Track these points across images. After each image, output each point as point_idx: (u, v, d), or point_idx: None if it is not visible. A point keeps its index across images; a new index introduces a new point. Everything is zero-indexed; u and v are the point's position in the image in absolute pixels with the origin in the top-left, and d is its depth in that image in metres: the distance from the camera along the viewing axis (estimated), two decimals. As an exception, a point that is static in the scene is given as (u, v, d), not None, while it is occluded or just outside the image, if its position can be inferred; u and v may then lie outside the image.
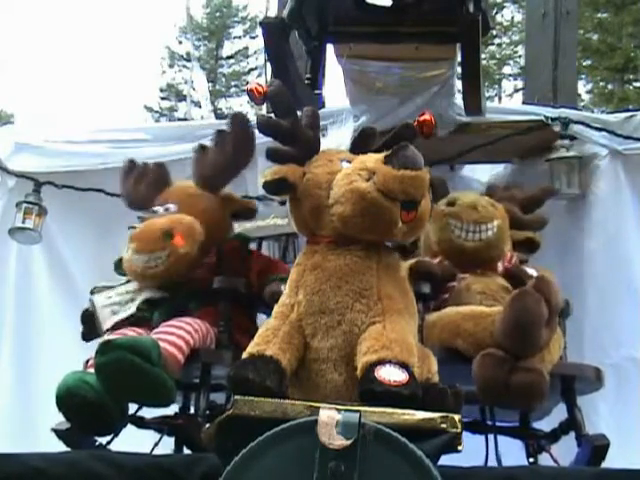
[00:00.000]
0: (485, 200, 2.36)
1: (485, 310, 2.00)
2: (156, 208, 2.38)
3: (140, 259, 2.21)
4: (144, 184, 2.50)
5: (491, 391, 1.86)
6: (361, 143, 1.89)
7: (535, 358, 1.84)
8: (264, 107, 2.61)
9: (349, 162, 1.74)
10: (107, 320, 2.25)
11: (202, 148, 2.48)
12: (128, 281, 2.34)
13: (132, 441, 2.08)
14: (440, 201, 2.30)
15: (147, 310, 2.25)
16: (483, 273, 2.25)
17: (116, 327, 2.22)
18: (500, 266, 2.28)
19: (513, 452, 2.27)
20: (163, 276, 2.22)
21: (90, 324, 2.31)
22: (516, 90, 17.60)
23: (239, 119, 2.36)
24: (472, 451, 1.93)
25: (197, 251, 2.25)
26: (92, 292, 2.36)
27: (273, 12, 2.97)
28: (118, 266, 2.34)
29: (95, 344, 2.17)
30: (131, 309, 2.26)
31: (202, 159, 2.45)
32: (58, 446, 2.01)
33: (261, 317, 2.40)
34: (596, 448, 2.03)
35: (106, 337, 2.16)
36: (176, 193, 2.45)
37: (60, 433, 2.03)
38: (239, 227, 2.94)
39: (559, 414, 2.21)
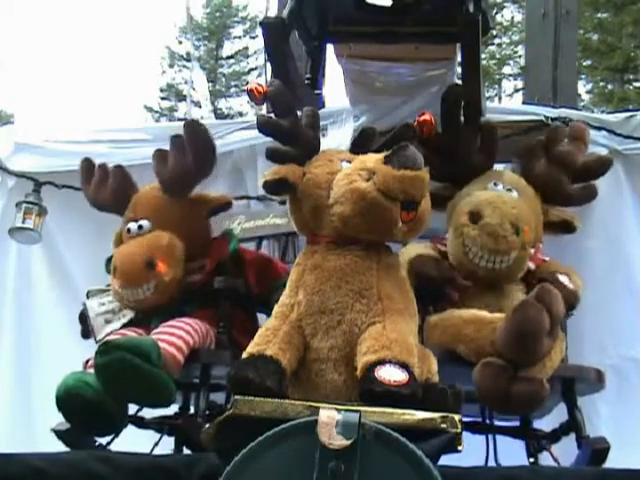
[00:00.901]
0: (510, 223, 2.08)
1: (487, 316, 1.98)
2: (129, 226, 2.32)
3: (128, 293, 2.20)
4: (108, 188, 2.42)
5: (492, 400, 1.86)
6: (361, 143, 1.89)
7: (536, 367, 1.83)
8: (264, 107, 2.60)
9: (349, 162, 1.74)
10: (101, 330, 2.24)
11: (160, 153, 2.38)
12: None
13: (132, 441, 2.08)
14: (465, 205, 2.16)
15: (143, 319, 2.24)
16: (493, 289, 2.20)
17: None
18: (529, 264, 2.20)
19: (513, 452, 2.26)
20: (156, 302, 2.21)
21: (87, 324, 2.31)
22: (516, 90, 17.62)
23: (193, 126, 2.31)
24: (472, 451, 1.92)
25: (182, 272, 2.23)
26: (87, 295, 2.35)
27: (273, 12, 2.98)
28: (109, 265, 2.32)
29: (95, 344, 2.18)
30: (126, 317, 2.26)
31: (163, 165, 2.36)
32: (58, 446, 2.01)
33: (261, 317, 2.40)
34: (596, 451, 2.02)
35: (106, 338, 2.17)
36: (146, 205, 2.35)
37: (60, 433, 2.03)
38: (239, 227, 2.95)
39: (560, 413, 2.21)
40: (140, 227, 2.30)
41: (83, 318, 2.32)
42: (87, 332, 2.31)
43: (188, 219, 2.34)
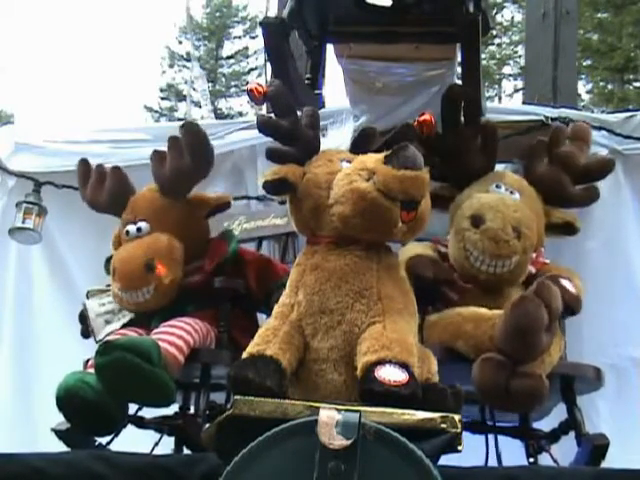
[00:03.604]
0: (512, 227, 2.08)
1: (487, 313, 1.99)
2: (128, 228, 2.31)
3: (128, 296, 2.20)
4: (105, 190, 2.41)
5: (491, 396, 1.86)
6: (361, 143, 1.89)
7: (535, 362, 1.84)
8: (264, 107, 2.61)
9: (349, 162, 1.74)
10: (101, 330, 2.25)
11: (158, 154, 2.37)
12: None
13: (132, 441, 2.08)
14: (467, 209, 2.14)
15: (143, 319, 2.24)
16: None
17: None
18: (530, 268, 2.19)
19: (513, 452, 2.27)
20: (156, 304, 2.21)
21: (87, 324, 2.31)
22: (516, 90, 17.63)
23: (190, 127, 2.31)
24: (472, 451, 1.93)
25: (181, 273, 2.23)
26: (87, 295, 2.35)
27: (273, 12, 2.97)
28: (108, 265, 2.32)
29: (95, 344, 2.19)
30: (126, 317, 2.26)
31: (161, 166, 2.35)
32: (58, 446, 2.01)
33: (261, 317, 2.40)
34: (596, 447, 2.02)
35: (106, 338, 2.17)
36: (144, 207, 2.34)
37: (60, 433, 2.03)
38: (239, 227, 2.95)
39: (559, 414, 2.21)
40: (139, 229, 2.30)
41: (83, 318, 2.33)
42: (87, 332, 2.31)
43: (187, 220, 2.33)
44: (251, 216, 3.01)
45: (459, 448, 1.43)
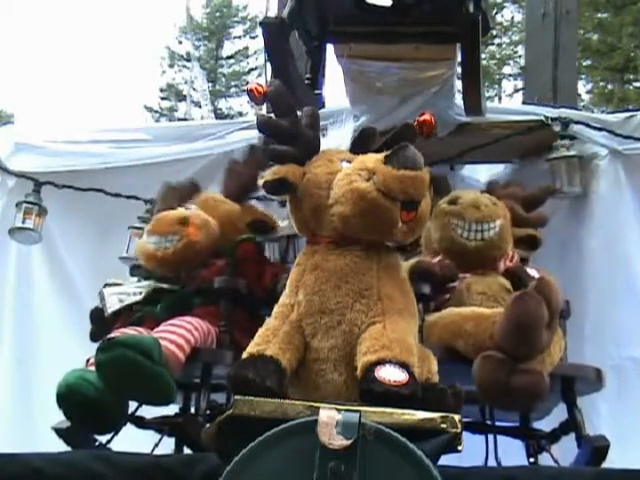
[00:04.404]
0: (487, 198, 2.31)
1: (486, 312, 2.00)
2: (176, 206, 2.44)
3: (153, 240, 2.30)
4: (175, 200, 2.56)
5: (492, 393, 1.86)
6: (361, 143, 1.89)
7: (535, 360, 1.84)
8: (264, 107, 2.60)
9: (349, 162, 1.74)
10: (114, 305, 2.30)
11: (234, 162, 2.60)
12: (139, 281, 2.38)
13: (132, 441, 2.08)
14: (442, 199, 2.29)
15: (152, 301, 2.27)
16: (484, 273, 2.23)
17: (118, 323, 2.24)
18: (502, 265, 2.27)
19: (513, 452, 2.27)
20: (171, 261, 2.28)
21: (99, 323, 2.32)
22: (516, 90, 17.63)
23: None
24: (472, 451, 1.93)
25: (208, 246, 2.31)
26: (104, 286, 2.40)
27: (273, 12, 2.97)
28: (134, 271, 2.39)
29: (95, 344, 2.18)
30: (137, 297, 2.30)
31: (233, 172, 2.55)
32: (58, 446, 2.01)
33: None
34: (596, 449, 2.02)
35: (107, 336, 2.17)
36: (200, 199, 2.53)
37: (60, 432, 2.03)
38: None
39: (560, 414, 2.21)
40: (187, 208, 2.43)
41: (94, 317, 2.34)
42: (96, 334, 2.32)
43: (229, 217, 2.48)
44: (251, 216, 3.01)
45: (459, 448, 1.43)
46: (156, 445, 2.22)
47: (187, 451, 2.25)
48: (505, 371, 1.80)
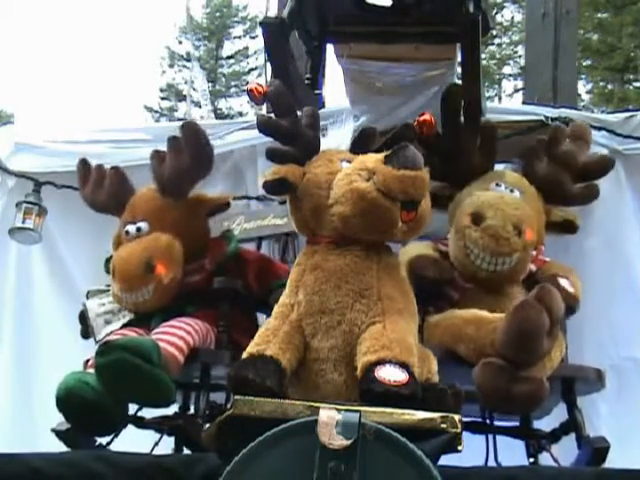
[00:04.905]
0: (512, 225, 2.08)
1: (488, 316, 1.98)
2: (127, 228, 2.31)
3: (127, 297, 2.19)
4: (104, 190, 2.42)
5: (492, 400, 1.86)
6: (361, 143, 1.89)
7: (536, 367, 1.83)
8: (264, 107, 2.60)
9: (349, 162, 1.74)
10: (101, 330, 2.25)
11: (158, 154, 2.36)
12: None
13: (132, 441, 2.08)
14: (467, 207, 2.15)
15: (143, 319, 2.23)
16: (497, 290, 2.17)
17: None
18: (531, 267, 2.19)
19: (513, 452, 2.26)
20: (156, 304, 2.21)
21: (87, 324, 2.31)
22: (516, 90, 17.63)
23: (190, 127, 2.31)
24: (472, 451, 1.92)
25: (181, 269, 2.23)
26: (87, 296, 2.35)
27: (273, 12, 2.96)
28: (108, 265, 2.32)
29: (95, 344, 2.18)
30: (125, 318, 2.25)
31: (160, 166, 2.34)
32: (58, 446, 2.01)
33: (261, 317, 2.40)
34: (596, 451, 2.02)
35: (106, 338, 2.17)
36: (144, 207, 2.34)
37: (60, 433, 2.03)
38: (239, 227, 2.95)
39: (560, 413, 2.21)
40: (138, 229, 2.30)
41: (83, 318, 2.32)
42: (86, 332, 2.31)
43: (186, 220, 2.33)
44: (251, 216, 3.01)
45: (459, 448, 1.43)
46: (156, 445, 2.22)
47: (187, 451, 2.25)
48: (506, 378, 1.80)
